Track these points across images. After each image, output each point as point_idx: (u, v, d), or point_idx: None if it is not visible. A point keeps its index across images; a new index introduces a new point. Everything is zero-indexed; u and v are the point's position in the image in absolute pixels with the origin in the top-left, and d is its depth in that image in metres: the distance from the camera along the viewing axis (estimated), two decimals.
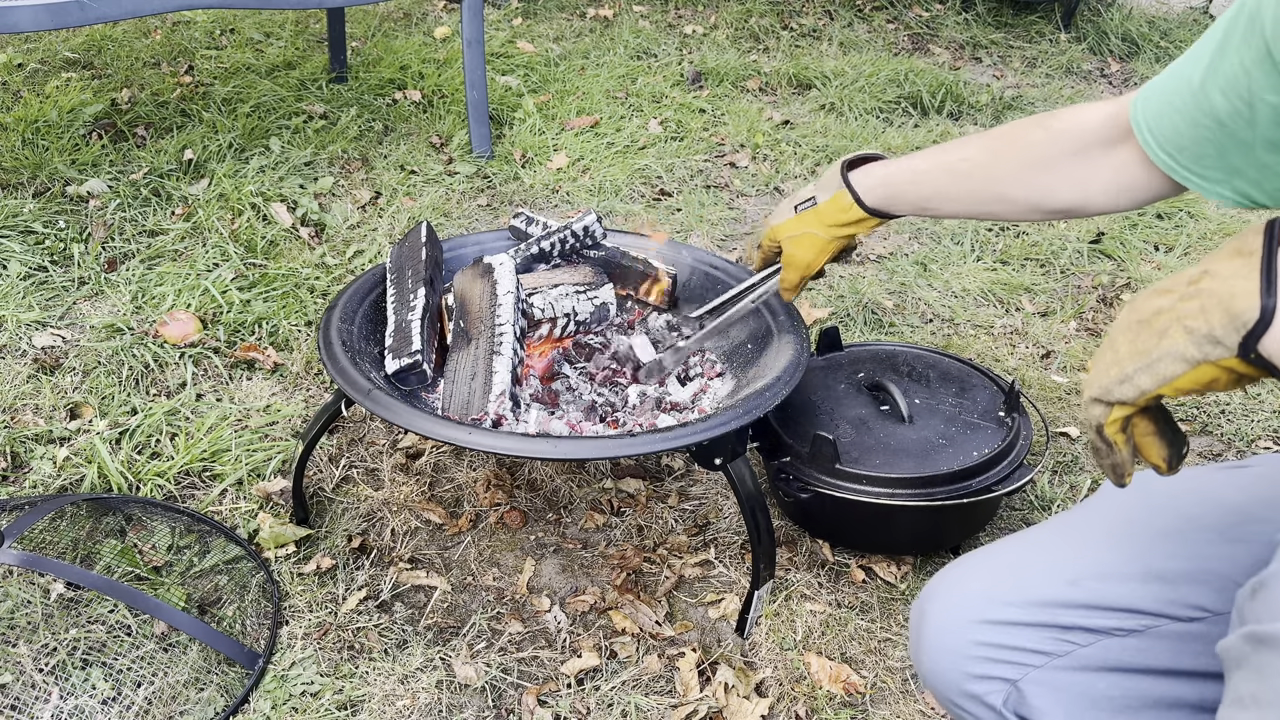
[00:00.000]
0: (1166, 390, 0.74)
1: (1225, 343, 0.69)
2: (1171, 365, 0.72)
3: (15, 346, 1.93)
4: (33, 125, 2.67)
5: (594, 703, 1.34)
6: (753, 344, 1.51)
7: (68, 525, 1.51)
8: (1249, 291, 0.67)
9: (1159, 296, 0.75)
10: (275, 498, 1.63)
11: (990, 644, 0.91)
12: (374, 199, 2.56)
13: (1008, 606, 0.92)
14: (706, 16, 4.05)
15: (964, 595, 0.95)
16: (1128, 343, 0.76)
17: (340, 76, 3.15)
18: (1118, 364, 0.76)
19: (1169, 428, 0.78)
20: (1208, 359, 0.70)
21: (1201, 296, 0.70)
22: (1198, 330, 0.70)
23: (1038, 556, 0.96)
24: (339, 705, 1.31)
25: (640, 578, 1.54)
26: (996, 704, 0.92)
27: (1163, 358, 0.73)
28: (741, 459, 1.35)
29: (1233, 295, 0.68)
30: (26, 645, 1.33)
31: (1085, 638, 0.89)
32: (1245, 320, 0.67)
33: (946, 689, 0.95)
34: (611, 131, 2.96)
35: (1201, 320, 0.70)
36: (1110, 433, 0.77)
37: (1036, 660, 0.90)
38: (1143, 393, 0.74)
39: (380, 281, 1.53)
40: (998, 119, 3.21)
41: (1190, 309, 0.71)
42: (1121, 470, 0.79)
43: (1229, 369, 0.70)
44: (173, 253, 2.25)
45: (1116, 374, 0.76)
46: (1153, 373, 0.73)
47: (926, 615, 0.96)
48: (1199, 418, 1.93)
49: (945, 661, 0.93)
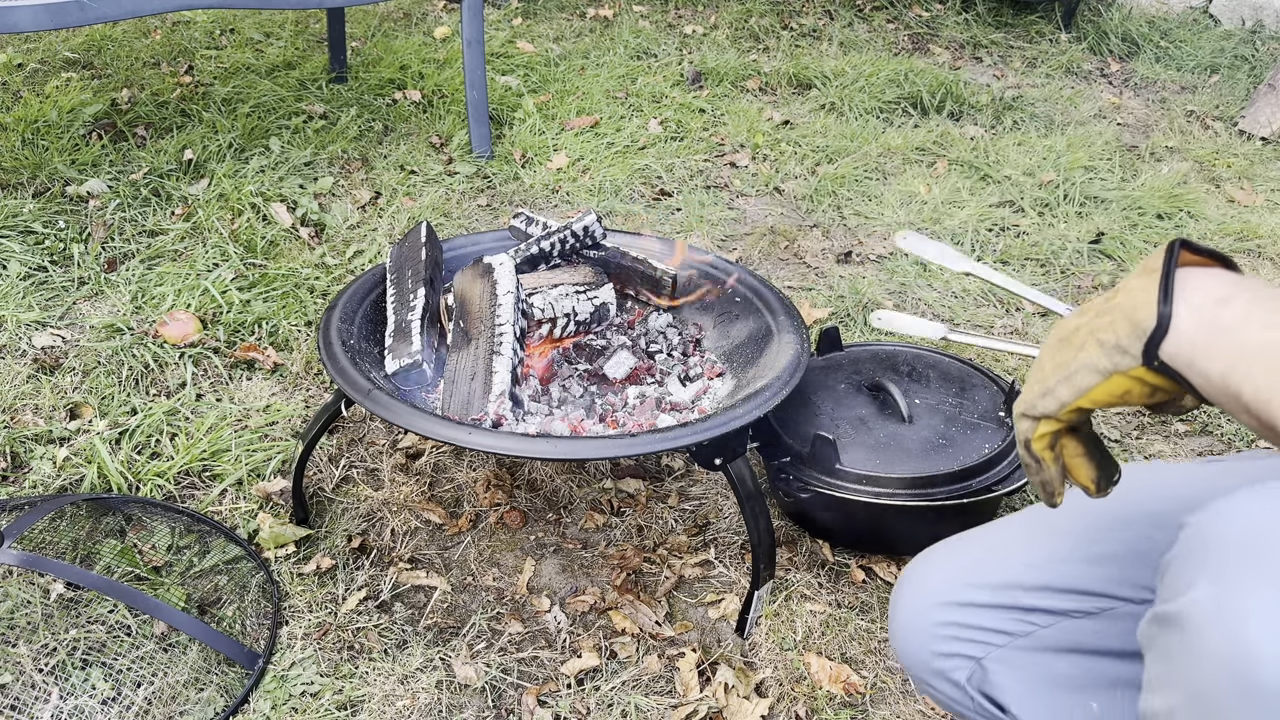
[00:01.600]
0: (1084, 402, 0.78)
1: (1130, 351, 0.73)
2: (1087, 377, 0.77)
3: (15, 346, 1.93)
4: (33, 125, 2.67)
5: (594, 703, 1.34)
6: (752, 344, 1.51)
7: (68, 525, 1.51)
8: (1149, 303, 0.72)
9: (1079, 317, 0.80)
10: (275, 498, 1.63)
11: (955, 624, 0.97)
12: (374, 199, 2.56)
13: (971, 588, 0.98)
14: (706, 16, 4.05)
15: (932, 578, 1.02)
16: (1050, 358, 0.81)
17: (340, 76, 3.15)
18: (1041, 379, 0.80)
19: (1098, 450, 0.82)
20: (1118, 369, 0.75)
21: (1112, 312, 0.76)
22: (1107, 342, 0.75)
23: (1002, 542, 1.02)
24: (339, 705, 1.31)
25: (640, 578, 1.54)
26: (961, 680, 0.98)
27: (1079, 370, 0.77)
28: (741, 459, 1.35)
29: (1135, 307, 0.73)
30: (26, 645, 1.33)
31: (1045, 619, 0.95)
32: (1145, 328, 0.72)
33: (916, 667, 1.01)
34: (611, 131, 2.96)
35: (1110, 333, 0.75)
36: (1038, 449, 0.81)
37: (999, 640, 0.96)
38: (1062, 404, 0.78)
39: (380, 281, 1.53)
40: (998, 119, 3.21)
41: (1102, 323, 0.76)
42: (1051, 489, 0.83)
43: (1138, 379, 0.75)
44: (173, 253, 2.25)
45: (1039, 388, 0.80)
46: (1070, 384, 0.78)
47: (899, 597, 1.03)
48: (1199, 418, 1.93)
49: (915, 641, 1.00)
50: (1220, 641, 0.63)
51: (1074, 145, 3.01)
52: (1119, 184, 2.81)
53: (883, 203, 2.67)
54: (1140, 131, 3.27)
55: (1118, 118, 3.35)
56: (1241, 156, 3.05)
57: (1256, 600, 0.61)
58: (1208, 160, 3.03)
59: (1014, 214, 2.65)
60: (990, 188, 2.77)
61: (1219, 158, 3.04)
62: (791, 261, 2.41)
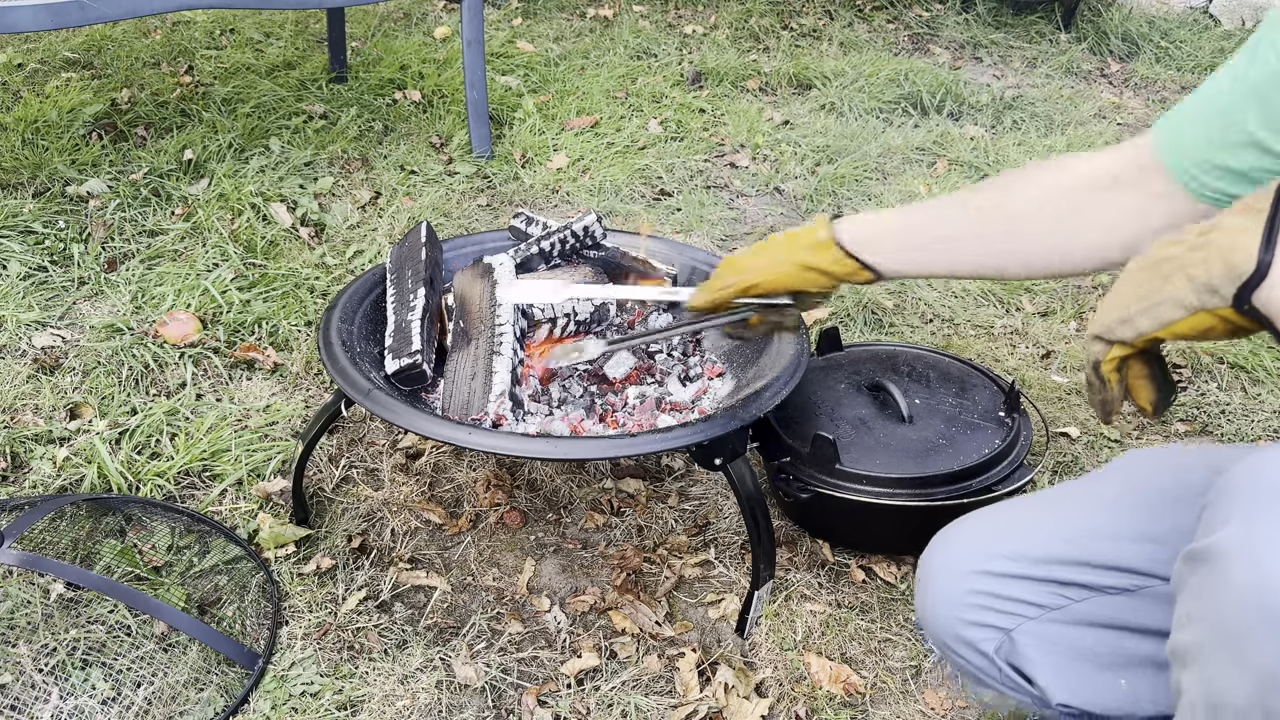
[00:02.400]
0: (1164, 334, 0.77)
1: (1221, 292, 0.72)
2: (1171, 310, 0.75)
3: (15, 346, 1.93)
4: (33, 125, 2.67)
5: (594, 703, 1.34)
6: (752, 344, 1.51)
7: (68, 525, 1.51)
8: (1249, 246, 0.70)
9: (1170, 246, 0.77)
10: (275, 498, 1.63)
11: (987, 593, 0.97)
12: (374, 199, 2.56)
13: (1005, 559, 0.97)
14: (706, 16, 4.05)
15: (966, 546, 1.01)
16: (1133, 285, 0.79)
17: (340, 76, 3.15)
18: (1121, 305, 0.79)
19: (1162, 373, 0.81)
20: (1204, 307, 0.74)
21: (1207, 248, 0.73)
22: (1198, 278, 0.73)
23: (1039, 515, 1.01)
24: (339, 705, 1.31)
25: (640, 578, 1.54)
26: (989, 650, 0.98)
27: (1163, 302, 0.76)
28: (741, 459, 1.35)
29: (1234, 248, 0.71)
30: (26, 645, 1.33)
31: (1079, 593, 0.95)
32: (1241, 273, 0.70)
33: (943, 634, 1.01)
34: (611, 131, 2.96)
35: (1203, 269, 0.73)
36: (1106, 370, 0.80)
37: (1031, 612, 0.96)
38: (1140, 334, 0.77)
39: (380, 281, 1.53)
40: (998, 119, 3.21)
41: (1195, 259, 0.74)
42: (1109, 408, 0.82)
43: (1224, 318, 0.73)
44: (173, 253, 2.25)
45: (1119, 314, 0.79)
46: (1152, 315, 0.76)
47: (930, 564, 1.02)
48: (1199, 418, 1.93)
49: (943, 607, 0.99)
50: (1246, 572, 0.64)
51: (1074, 145, 3.01)
52: None
53: (883, 203, 2.66)
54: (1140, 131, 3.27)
55: (1118, 118, 3.35)
56: None
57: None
58: None
59: None
60: None
61: None
62: None
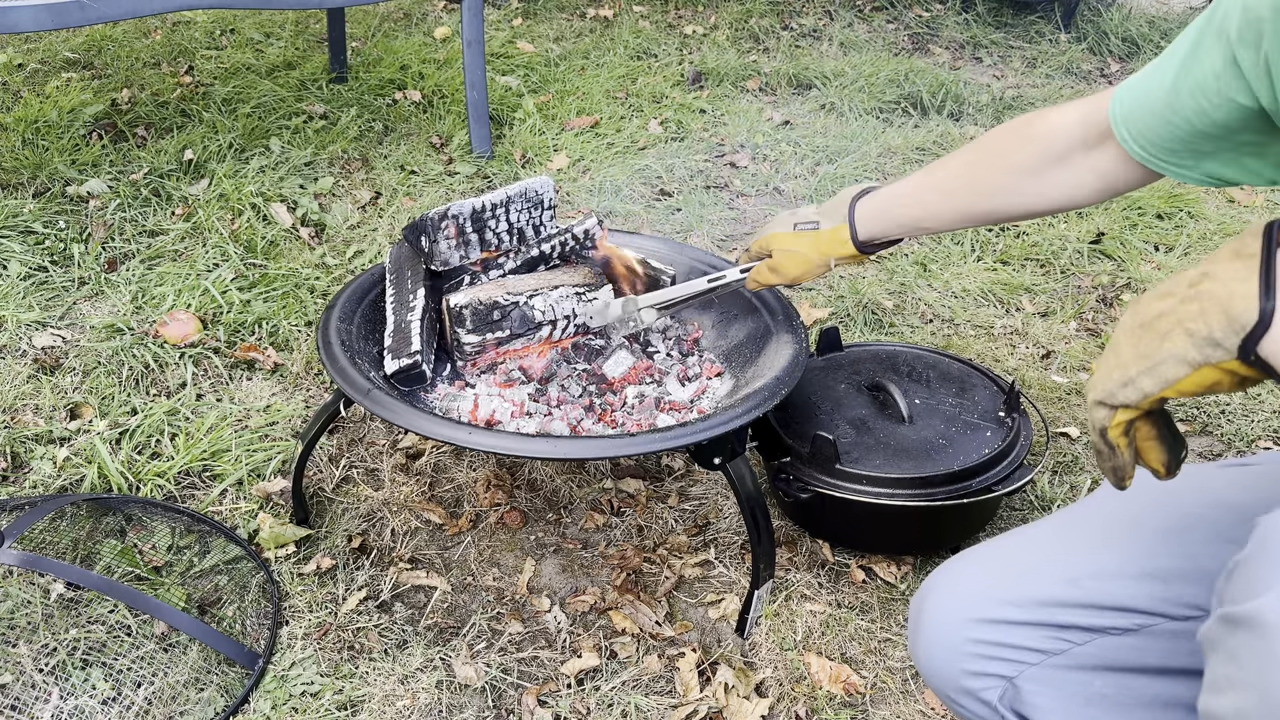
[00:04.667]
0: (1169, 393, 0.74)
1: (1225, 345, 0.69)
2: (1174, 368, 0.73)
3: (15, 346, 1.93)
4: (33, 125, 2.67)
5: (594, 703, 1.34)
6: (752, 344, 1.51)
7: (68, 525, 1.51)
8: (1248, 294, 0.68)
9: (1160, 300, 0.75)
10: (275, 498, 1.63)
11: (987, 641, 0.92)
12: (374, 199, 2.56)
13: (1004, 605, 0.93)
14: (706, 16, 4.05)
15: (961, 592, 0.96)
16: (1130, 346, 0.76)
17: (340, 76, 3.15)
18: (1121, 367, 0.76)
19: (1169, 432, 0.78)
20: (1208, 361, 0.71)
21: (1202, 299, 0.71)
22: (1198, 333, 0.71)
23: (1035, 554, 0.97)
24: (339, 705, 1.31)
25: (640, 578, 1.54)
26: (993, 700, 0.93)
27: (1165, 360, 0.73)
28: (741, 459, 1.35)
29: (1232, 298, 0.69)
30: (26, 645, 1.33)
31: (1082, 636, 0.90)
32: (1244, 323, 0.68)
33: (943, 685, 0.96)
34: (611, 131, 2.96)
35: (1202, 323, 0.71)
36: (1114, 436, 0.78)
37: (1033, 658, 0.91)
38: (1146, 395, 0.75)
39: (379, 281, 1.53)
40: (998, 119, 3.21)
41: (1191, 311, 0.72)
42: (1122, 473, 0.79)
43: (1230, 371, 0.71)
44: (173, 253, 2.25)
45: (1120, 377, 0.76)
46: (1155, 375, 0.74)
47: (924, 611, 0.98)
48: (1199, 418, 1.93)
49: (941, 659, 0.95)
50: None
51: None
52: None
53: None
54: None
55: None
56: None
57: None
58: None
59: None
60: None
61: None
62: None
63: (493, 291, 1.47)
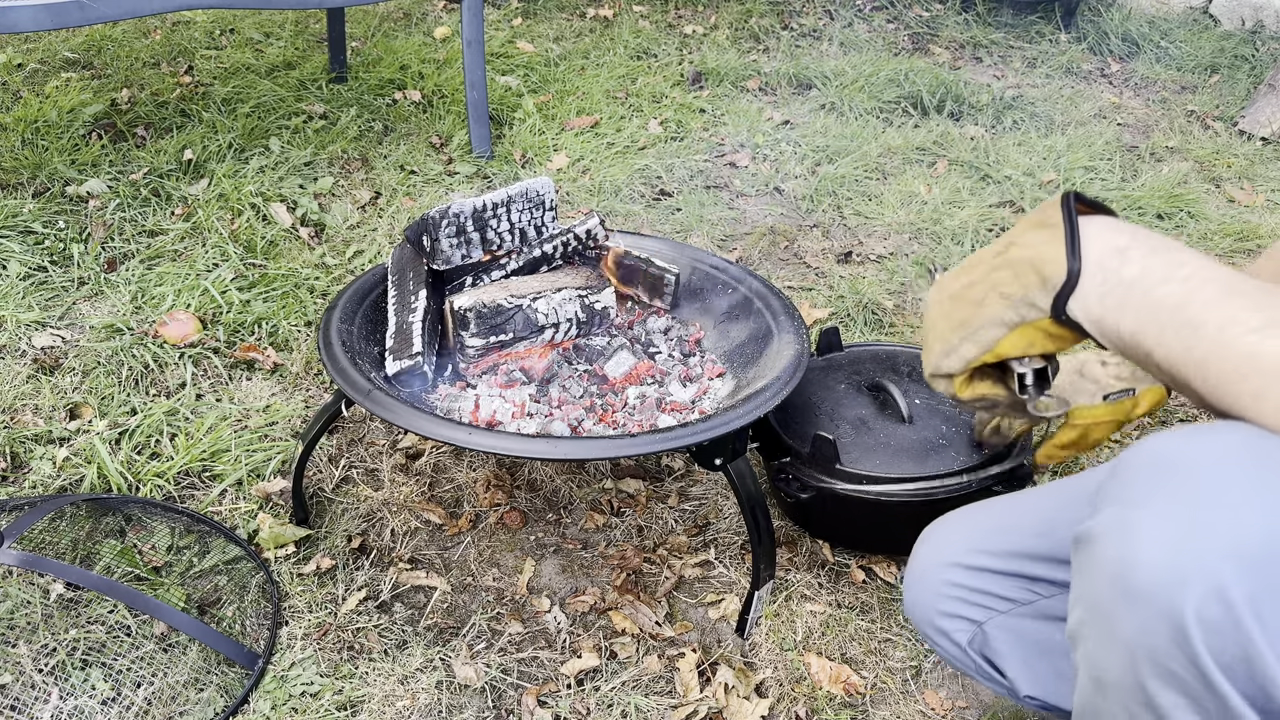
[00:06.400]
0: (989, 357, 0.80)
1: (1039, 305, 0.75)
2: (992, 330, 0.79)
3: (15, 346, 1.93)
4: (33, 125, 2.67)
5: (594, 703, 1.34)
6: (753, 344, 1.51)
7: (67, 525, 1.51)
8: (1056, 257, 0.73)
9: (967, 274, 0.81)
10: (275, 498, 1.63)
11: (963, 585, 0.99)
12: (374, 199, 2.56)
13: (982, 554, 0.99)
14: (706, 16, 4.05)
15: (948, 540, 1.03)
16: (944, 318, 0.82)
17: (340, 76, 3.14)
18: (941, 339, 0.82)
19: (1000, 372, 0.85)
20: (1024, 320, 0.77)
21: (1013, 265, 0.76)
22: (1014, 295, 0.76)
23: (1018, 510, 1.03)
24: (339, 706, 1.31)
25: (640, 578, 1.54)
26: (962, 641, 1.01)
27: (983, 325, 0.79)
28: (741, 459, 1.34)
29: (1043, 261, 0.74)
30: (26, 645, 1.33)
31: (1047, 589, 0.97)
32: (1055, 282, 0.73)
33: (921, 621, 1.04)
34: (611, 131, 2.96)
35: (1016, 285, 0.76)
36: (967, 398, 0.85)
37: (1001, 606, 0.98)
38: (968, 361, 0.81)
39: (380, 281, 1.53)
40: (998, 119, 3.21)
41: (1004, 277, 0.77)
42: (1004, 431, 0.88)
43: (1044, 330, 0.76)
44: (172, 253, 2.25)
45: (941, 349, 0.82)
46: (975, 340, 0.80)
47: (915, 555, 1.05)
48: (1200, 417, 1.93)
49: (923, 598, 1.03)
50: (1111, 549, 0.65)
51: (1074, 145, 3.01)
52: (1119, 184, 2.81)
53: (883, 203, 2.66)
54: (1140, 131, 3.27)
55: (1118, 118, 3.34)
56: (1242, 156, 3.04)
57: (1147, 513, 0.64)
58: (1208, 160, 3.03)
59: (1014, 214, 2.64)
60: (990, 188, 2.77)
61: (1219, 158, 3.04)
62: (791, 261, 2.41)
63: (496, 294, 1.47)
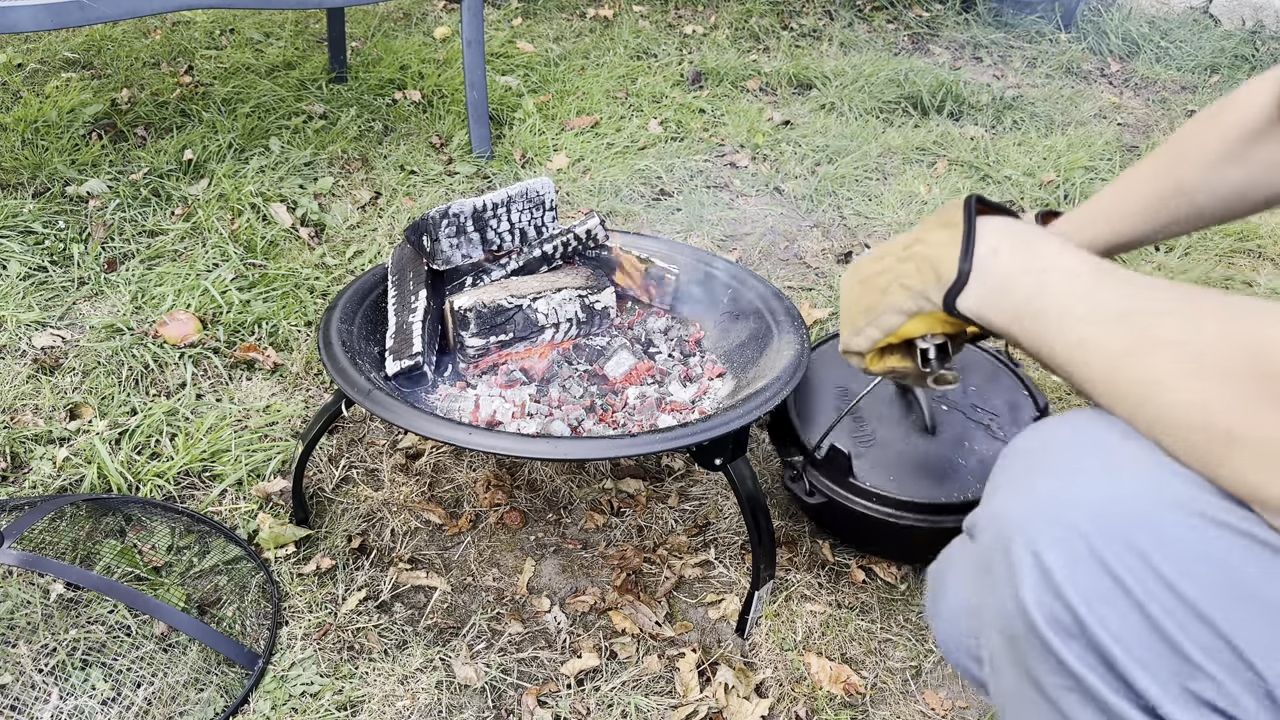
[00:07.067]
0: (892, 339, 0.90)
1: (933, 299, 0.83)
2: (893, 317, 0.88)
3: (15, 346, 1.93)
4: (33, 125, 2.67)
5: (594, 703, 1.34)
6: (753, 344, 1.51)
7: (67, 525, 1.51)
8: (951, 258, 0.81)
9: (877, 262, 0.90)
10: (275, 498, 1.63)
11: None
12: (374, 199, 2.56)
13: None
14: (706, 16, 4.05)
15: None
16: (853, 301, 0.92)
17: (340, 76, 3.14)
18: (850, 321, 0.93)
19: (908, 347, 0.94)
20: (920, 310, 0.85)
21: (915, 260, 0.85)
22: (912, 287, 0.85)
23: None
24: (339, 706, 1.31)
25: (640, 578, 1.54)
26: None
27: (885, 312, 0.88)
28: (742, 459, 1.34)
29: (940, 260, 0.82)
30: (26, 645, 1.33)
31: None
32: (947, 280, 0.81)
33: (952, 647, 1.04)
34: (611, 131, 2.96)
35: (917, 279, 0.84)
36: (879, 370, 0.95)
37: None
38: (874, 342, 0.91)
39: (380, 282, 1.53)
40: (998, 119, 3.21)
41: (907, 270, 0.86)
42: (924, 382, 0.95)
43: (940, 319, 0.85)
44: (173, 253, 2.25)
45: (850, 329, 0.93)
46: (879, 325, 0.90)
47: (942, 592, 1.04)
48: None
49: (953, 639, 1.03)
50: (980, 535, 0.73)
51: (1074, 145, 3.01)
52: None
53: (883, 203, 2.66)
54: (1140, 131, 3.27)
55: (1118, 118, 3.34)
56: None
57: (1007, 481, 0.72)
58: None
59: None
60: (990, 188, 2.77)
61: None
62: (791, 261, 2.41)
63: (496, 294, 1.47)
